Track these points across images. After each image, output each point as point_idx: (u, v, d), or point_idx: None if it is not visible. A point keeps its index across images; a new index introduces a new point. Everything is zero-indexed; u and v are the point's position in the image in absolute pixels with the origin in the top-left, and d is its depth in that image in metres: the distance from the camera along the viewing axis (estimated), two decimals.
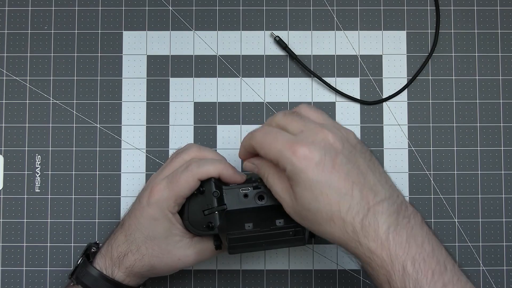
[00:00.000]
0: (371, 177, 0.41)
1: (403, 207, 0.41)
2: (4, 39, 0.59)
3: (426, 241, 0.40)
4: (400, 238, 0.39)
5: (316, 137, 0.41)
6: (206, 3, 0.60)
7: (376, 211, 0.40)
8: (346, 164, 0.41)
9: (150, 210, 0.48)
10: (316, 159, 0.40)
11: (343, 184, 0.40)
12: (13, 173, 0.58)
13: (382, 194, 0.41)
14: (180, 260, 0.49)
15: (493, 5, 0.60)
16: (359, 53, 0.59)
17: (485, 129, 0.59)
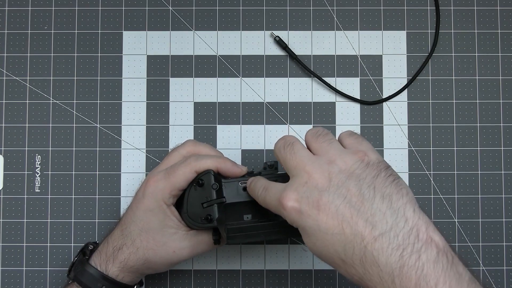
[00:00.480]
0: (368, 208, 0.37)
1: (411, 237, 0.35)
2: (4, 39, 0.59)
3: (441, 281, 0.34)
4: (408, 282, 0.34)
5: (301, 180, 0.39)
6: (206, 3, 0.60)
7: (374, 249, 0.35)
8: (334, 201, 0.37)
9: (145, 201, 0.48)
10: (300, 207, 0.38)
11: (332, 223, 0.37)
12: (13, 173, 0.58)
13: (381, 226, 0.36)
14: (175, 253, 0.49)
15: (493, 5, 0.60)
16: (359, 53, 0.59)
17: (485, 129, 0.59)
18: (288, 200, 0.39)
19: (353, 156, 0.39)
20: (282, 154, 0.42)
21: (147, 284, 0.57)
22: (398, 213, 0.36)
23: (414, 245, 0.35)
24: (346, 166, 0.39)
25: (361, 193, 0.37)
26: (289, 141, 0.42)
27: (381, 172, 0.39)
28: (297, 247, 0.57)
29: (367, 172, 0.39)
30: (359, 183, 0.38)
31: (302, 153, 0.41)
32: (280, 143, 0.43)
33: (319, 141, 0.41)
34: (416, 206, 0.38)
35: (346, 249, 0.36)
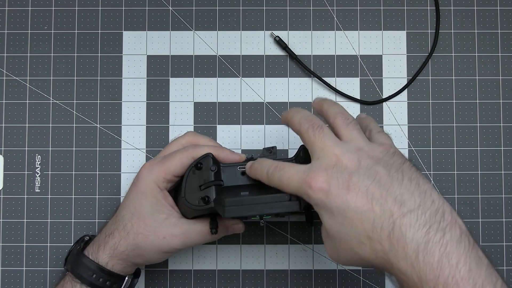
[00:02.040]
0: (396, 188, 0.38)
1: (437, 216, 0.37)
2: (4, 39, 0.59)
3: (462, 261, 0.36)
4: (431, 258, 0.36)
5: (329, 162, 0.40)
6: (206, 3, 0.60)
7: (402, 224, 0.37)
8: (363, 182, 0.39)
9: (138, 184, 0.49)
10: (330, 188, 0.39)
11: (361, 201, 0.38)
12: (13, 173, 0.58)
13: (410, 203, 0.38)
14: (166, 239, 0.48)
15: (493, 5, 0.60)
16: (359, 53, 0.59)
17: (485, 129, 0.59)
18: (316, 181, 0.40)
19: (380, 147, 0.42)
20: (309, 135, 0.43)
21: (147, 284, 0.57)
22: (425, 194, 0.38)
23: (440, 224, 0.37)
24: (374, 153, 0.41)
25: (390, 175, 0.39)
26: (317, 123, 0.43)
27: (406, 161, 0.41)
28: (297, 247, 0.57)
29: (394, 159, 0.41)
30: (387, 167, 0.40)
31: (331, 137, 0.42)
32: (307, 124, 0.43)
33: (349, 129, 0.43)
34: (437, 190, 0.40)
35: (375, 225, 0.37)
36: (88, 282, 0.48)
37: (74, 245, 0.51)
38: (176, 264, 0.57)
